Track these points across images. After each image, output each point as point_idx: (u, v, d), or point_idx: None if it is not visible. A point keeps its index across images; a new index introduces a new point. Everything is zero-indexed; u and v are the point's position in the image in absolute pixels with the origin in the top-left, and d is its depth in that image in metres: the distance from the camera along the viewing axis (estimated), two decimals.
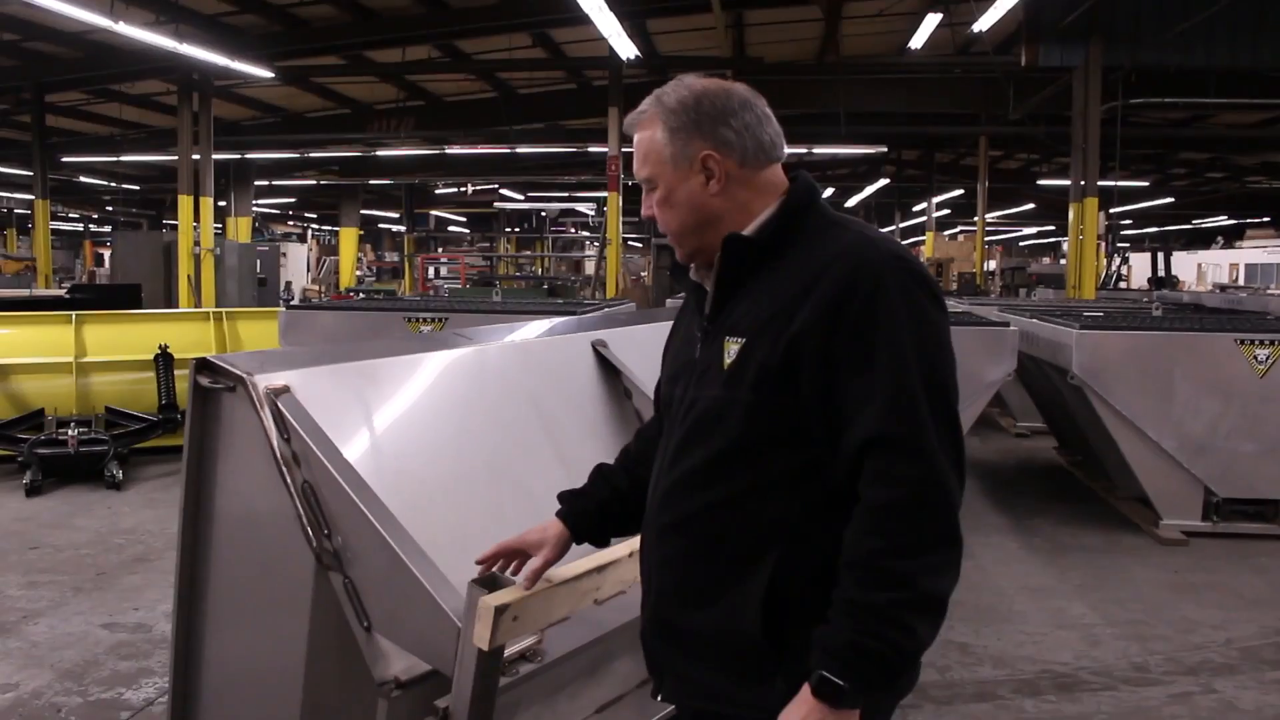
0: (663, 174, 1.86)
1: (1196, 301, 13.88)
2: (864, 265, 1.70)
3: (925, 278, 1.74)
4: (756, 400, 1.73)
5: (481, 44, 17.41)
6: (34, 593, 5.53)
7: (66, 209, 35.57)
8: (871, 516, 1.64)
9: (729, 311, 1.82)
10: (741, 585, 1.74)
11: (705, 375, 1.82)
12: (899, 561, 1.61)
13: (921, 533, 1.62)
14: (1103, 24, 13.38)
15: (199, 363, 2.55)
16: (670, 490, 1.85)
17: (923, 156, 27.33)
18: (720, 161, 1.82)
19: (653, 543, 1.90)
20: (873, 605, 1.60)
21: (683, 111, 1.84)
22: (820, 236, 1.80)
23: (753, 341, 1.74)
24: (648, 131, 1.87)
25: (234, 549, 2.65)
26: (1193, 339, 6.81)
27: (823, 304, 1.68)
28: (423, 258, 29.83)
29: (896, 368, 1.65)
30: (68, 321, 8.94)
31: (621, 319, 4.21)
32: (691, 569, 1.81)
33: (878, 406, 1.64)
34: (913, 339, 1.67)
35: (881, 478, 1.64)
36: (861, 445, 1.65)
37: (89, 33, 15.17)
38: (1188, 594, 5.73)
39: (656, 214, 1.89)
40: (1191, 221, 37.01)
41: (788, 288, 1.74)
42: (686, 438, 1.83)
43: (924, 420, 1.64)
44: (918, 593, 1.61)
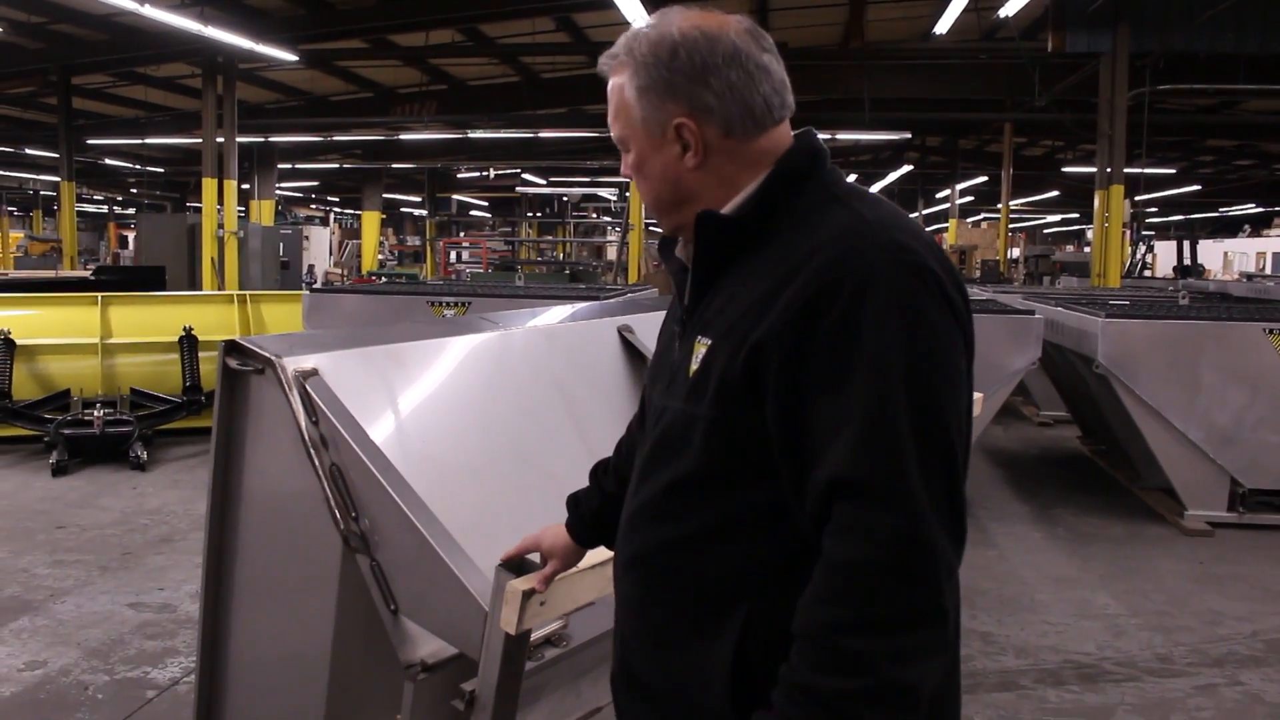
0: (633, 137, 1.54)
1: (1223, 290, 13.79)
2: (851, 256, 1.35)
3: (930, 272, 1.36)
4: (716, 418, 1.42)
5: (505, 28, 17.37)
6: (61, 571, 5.58)
7: (92, 191, 35.75)
8: (832, 578, 1.29)
9: (707, 304, 1.51)
10: (706, 643, 1.45)
11: (674, 382, 1.52)
12: (860, 640, 1.26)
13: (893, 605, 1.26)
14: (1131, 9, 13.24)
15: (228, 345, 2.55)
16: (631, 519, 1.58)
17: (946, 143, 27.17)
18: (696, 132, 1.48)
19: (619, 575, 1.64)
20: (820, 693, 1.26)
21: (655, 65, 1.48)
22: (815, 216, 1.44)
23: (716, 346, 1.43)
24: (618, 79, 1.54)
25: (261, 531, 2.66)
26: (1220, 328, 6.74)
27: (795, 304, 1.34)
28: (444, 242, 29.93)
29: (876, 390, 1.29)
30: (94, 303, 9.01)
31: (646, 304, 4.20)
32: (654, 616, 1.53)
33: (849, 439, 1.29)
34: (902, 353, 1.30)
35: (848, 530, 1.29)
36: (828, 487, 1.30)
37: (115, 15, 15.20)
38: (1212, 585, 5.70)
39: (633, 179, 1.58)
40: (1218, 209, 36.66)
41: (762, 280, 1.41)
42: (651, 456, 1.54)
43: (907, 459, 1.28)
44: (880, 681, 1.25)
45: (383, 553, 2.34)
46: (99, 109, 23.14)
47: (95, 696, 4.13)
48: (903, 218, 1.46)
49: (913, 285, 1.34)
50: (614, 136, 1.57)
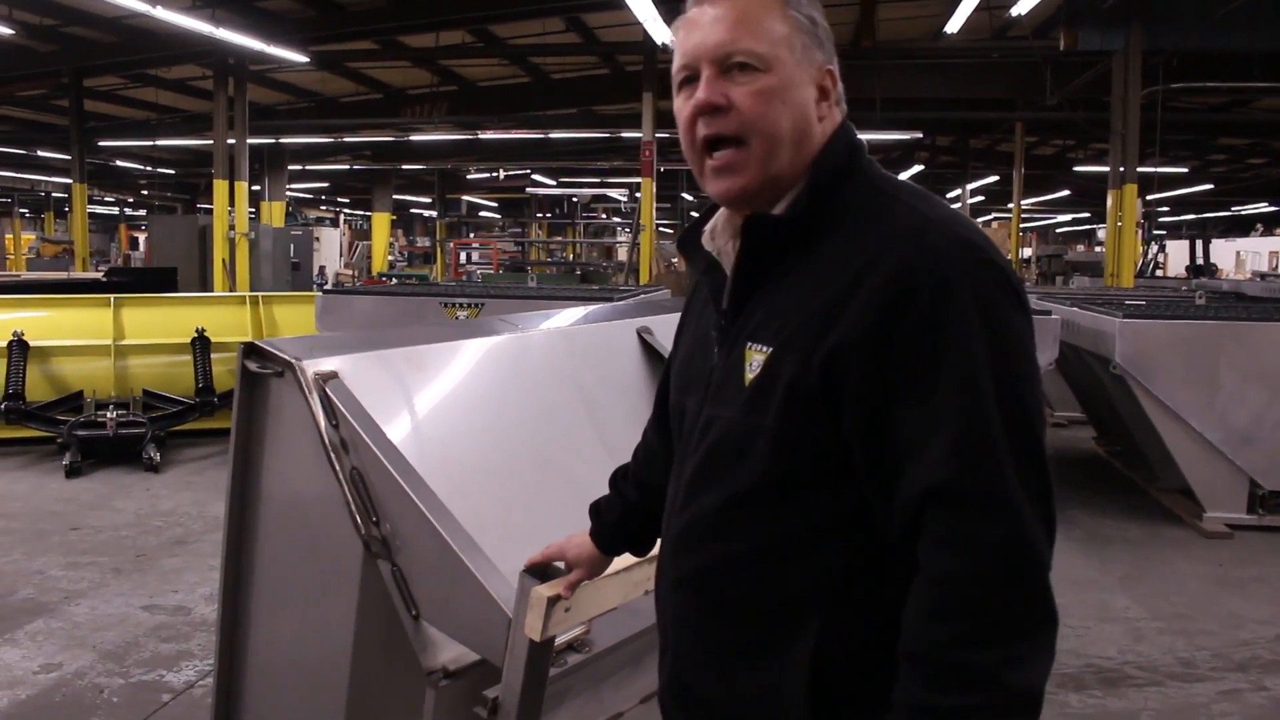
0: (782, 61, 1.40)
1: (1236, 290, 13.70)
2: (924, 256, 1.30)
3: (1005, 271, 1.33)
4: (785, 429, 1.35)
5: (515, 28, 17.36)
6: (75, 573, 5.57)
7: (103, 193, 35.85)
8: (937, 593, 1.25)
9: (752, 308, 1.44)
10: (778, 658, 1.39)
11: (724, 390, 1.45)
12: (978, 653, 1.22)
13: (1007, 614, 1.23)
14: (1144, 7, 13.16)
15: (247, 347, 2.53)
16: (682, 536, 1.50)
17: (957, 142, 27.03)
18: (835, 84, 1.46)
19: (667, 594, 1.56)
20: (946, 711, 1.22)
21: (810, 18, 1.45)
22: (867, 212, 1.40)
23: (780, 354, 1.36)
24: (762, 6, 1.42)
25: (281, 535, 2.64)
26: (1239, 328, 6.69)
27: (872, 308, 1.30)
28: (455, 243, 29.89)
29: (967, 395, 1.26)
30: (106, 304, 9.02)
31: (663, 305, 4.18)
32: (714, 633, 1.47)
33: (942, 446, 1.25)
34: (990, 355, 1.27)
35: (949, 541, 1.25)
36: (921, 495, 1.26)
37: (127, 17, 15.23)
38: (1233, 588, 5.65)
39: (746, 104, 1.40)
40: (1231, 208, 36.46)
41: (826, 283, 1.35)
42: (701, 470, 1.47)
43: (1004, 464, 1.25)
44: (1007, 693, 1.22)
45: (404, 557, 2.31)
46: (110, 111, 23.20)
47: (110, 700, 4.12)
48: (959, 213, 1.42)
49: (989, 284, 1.31)
50: (747, 51, 1.40)
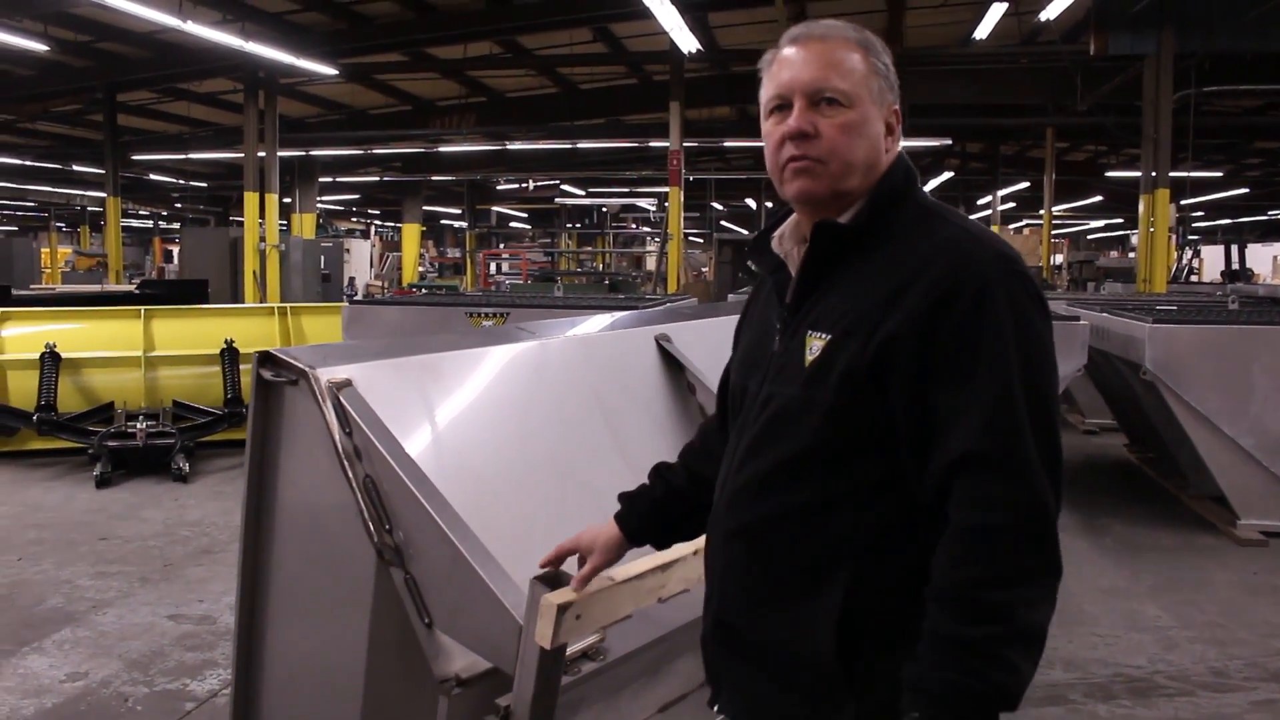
0: (863, 98, 1.66)
1: (1272, 295, 13.51)
2: (968, 265, 1.56)
3: (1032, 282, 1.60)
4: (838, 403, 1.58)
5: (542, 39, 17.43)
6: (103, 583, 5.62)
7: (137, 206, 36.27)
8: (966, 542, 1.49)
9: (813, 303, 1.67)
10: (812, 599, 1.60)
11: (784, 371, 1.67)
12: (997, 592, 1.46)
13: (1022, 561, 1.48)
14: (1175, 10, 13.03)
15: (262, 356, 2.54)
16: (738, 492, 1.71)
17: (987, 149, 26.89)
18: (898, 124, 1.72)
19: (719, 545, 1.78)
20: (970, 641, 1.45)
21: (886, 67, 1.70)
22: (918, 228, 1.65)
23: (839, 340, 1.60)
24: (845, 50, 1.67)
25: (296, 543, 2.64)
26: (1272, 333, 6.59)
27: (922, 305, 1.54)
28: (484, 253, 30.03)
29: (998, 380, 1.51)
30: (137, 316, 9.11)
31: (685, 313, 4.16)
32: (758, 578, 1.68)
33: (976, 421, 1.50)
34: (1018, 350, 1.52)
35: (977, 500, 1.49)
36: (955, 461, 1.50)
37: (158, 32, 15.43)
38: (1268, 597, 5.55)
39: (830, 134, 1.65)
40: (1267, 213, 36.02)
41: (882, 284, 1.59)
42: (759, 437, 1.69)
43: (1025, 438, 1.50)
44: (1019, 626, 1.46)
45: (417, 566, 2.31)
46: (143, 125, 23.49)
47: (135, 708, 4.14)
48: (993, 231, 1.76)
49: (1020, 291, 1.57)
50: (838, 88, 1.65)
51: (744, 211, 36.32)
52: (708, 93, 19.24)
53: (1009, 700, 1.47)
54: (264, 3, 14.89)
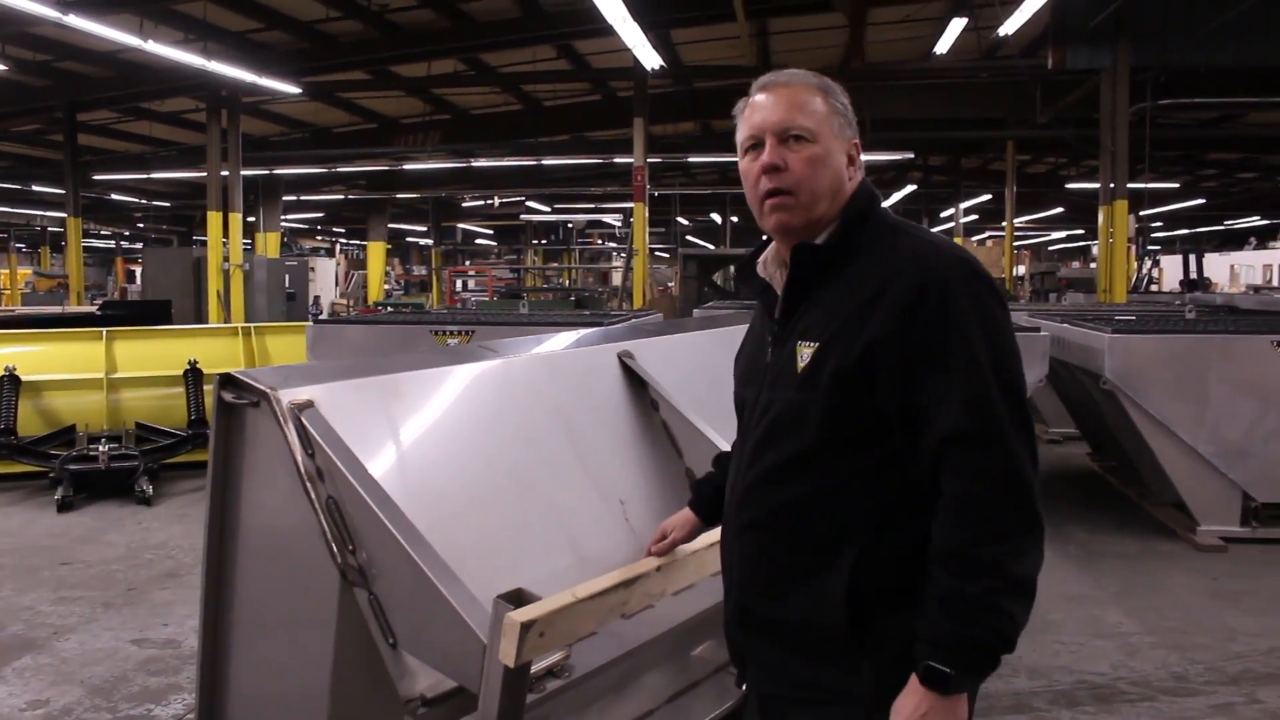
0: (825, 134, 1.88)
1: (1230, 303, 13.72)
2: (930, 271, 1.77)
3: (987, 278, 1.81)
4: (831, 402, 1.79)
5: (506, 57, 17.47)
6: (64, 608, 5.55)
7: (98, 226, 35.98)
8: (957, 509, 1.70)
9: (799, 316, 1.88)
10: (823, 577, 1.80)
11: (780, 379, 1.88)
12: (988, 549, 1.68)
13: (1006, 520, 1.69)
14: (1131, 25, 13.26)
15: (223, 378, 2.54)
16: (750, 488, 1.91)
17: (950, 162, 27.20)
18: (858, 156, 1.94)
19: (732, 539, 1.96)
20: (970, 594, 1.67)
21: (843, 95, 1.93)
22: (884, 243, 1.86)
23: (826, 346, 1.80)
24: (807, 94, 1.89)
25: (259, 565, 2.63)
26: (1228, 341, 6.69)
27: (895, 310, 1.75)
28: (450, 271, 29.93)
29: (970, 367, 1.72)
30: (99, 338, 9.01)
31: (648, 329, 4.18)
32: (773, 562, 1.87)
33: (955, 404, 1.71)
34: (983, 339, 1.74)
35: (963, 471, 1.70)
36: (942, 441, 1.72)
37: (119, 52, 15.35)
38: (1227, 601, 5.63)
39: (798, 168, 1.87)
40: (1223, 222, 36.61)
41: (858, 294, 1.80)
42: (764, 438, 1.89)
43: (999, 415, 1.71)
44: (1010, 578, 1.68)
45: (380, 586, 2.31)
46: (104, 145, 23.32)
47: None
48: (951, 240, 1.95)
49: (978, 287, 1.78)
50: (800, 126, 1.87)
51: (709, 226, 36.47)
52: (672, 108, 19.34)
53: (1007, 643, 1.70)
54: (226, 22, 14.82)
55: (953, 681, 1.69)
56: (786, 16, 15.97)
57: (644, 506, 3.14)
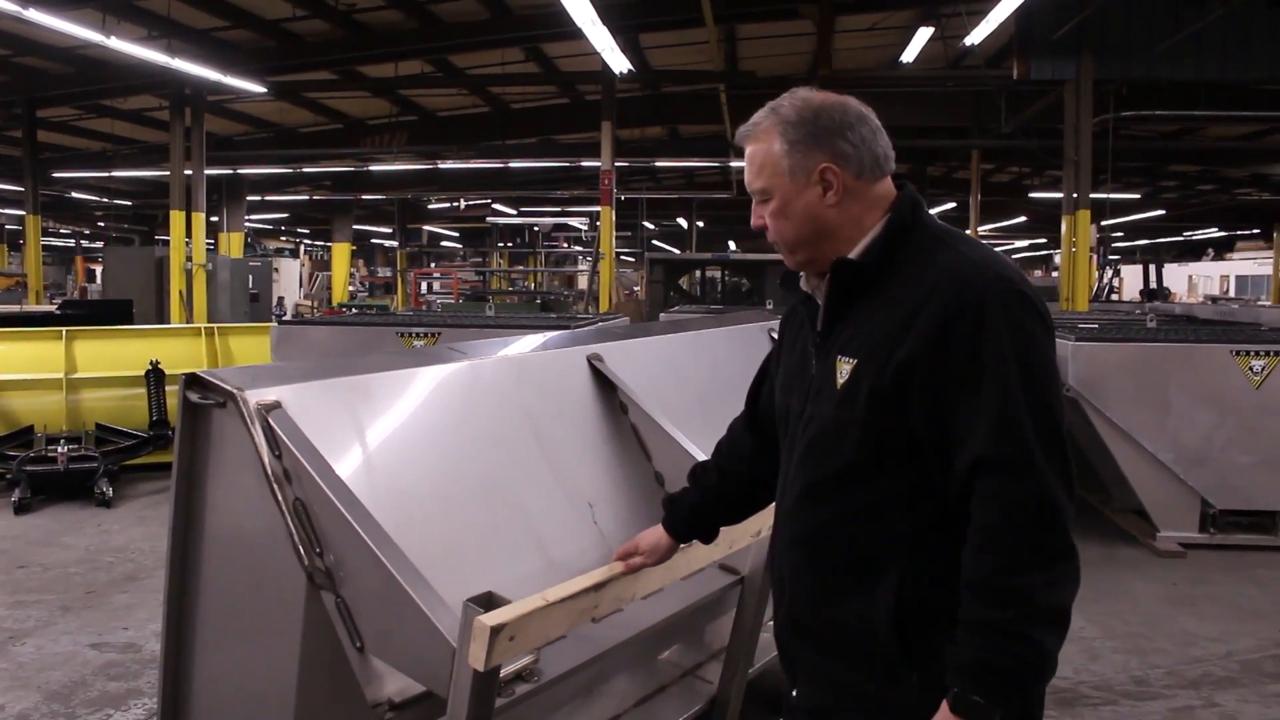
0: (779, 185, 1.88)
1: (1189, 313, 13.89)
2: (966, 289, 1.74)
3: (1029, 298, 1.76)
4: (869, 420, 1.78)
5: (474, 58, 17.42)
6: (21, 612, 5.46)
7: (58, 224, 35.47)
8: (985, 536, 1.69)
9: (840, 330, 1.87)
10: (869, 593, 1.81)
11: (821, 392, 1.88)
12: (1017, 578, 1.65)
13: (1036, 549, 1.66)
14: (1094, 37, 13.43)
15: (188, 378, 2.50)
16: (796, 504, 1.93)
17: (915, 170, 27.31)
18: (838, 174, 1.86)
19: (783, 551, 1.98)
20: (997, 623, 1.65)
21: (802, 124, 1.86)
22: (925, 256, 1.83)
23: (863, 364, 1.80)
24: (764, 144, 1.89)
25: (224, 568, 2.60)
26: (1188, 350, 6.78)
27: (929, 330, 1.73)
28: (415, 273, 29.81)
29: (1002, 391, 1.69)
30: (58, 337, 8.89)
31: (615, 333, 4.17)
32: (820, 577, 1.89)
33: (985, 429, 1.69)
34: (1017, 362, 1.70)
35: (992, 498, 1.69)
36: (971, 466, 1.70)
37: (80, 48, 15.15)
38: (1186, 606, 5.70)
39: (769, 225, 1.92)
40: (1183, 234, 37.09)
41: (895, 311, 1.79)
42: (807, 453, 1.90)
43: (1029, 441, 1.68)
44: (1039, 607, 1.65)
45: (348, 589, 2.29)
46: (65, 142, 23.00)
47: None
48: (996, 253, 1.86)
49: (1017, 308, 1.74)
50: (756, 189, 1.91)
51: (675, 231, 36.51)
52: (639, 113, 19.35)
53: (1038, 674, 1.68)
54: (190, 19, 14.67)
55: (981, 710, 1.67)
56: (755, 23, 16.04)
57: (613, 509, 3.14)
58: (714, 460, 2.31)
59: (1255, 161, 23.87)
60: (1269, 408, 6.63)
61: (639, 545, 2.29)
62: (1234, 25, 12.91)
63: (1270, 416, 6.63)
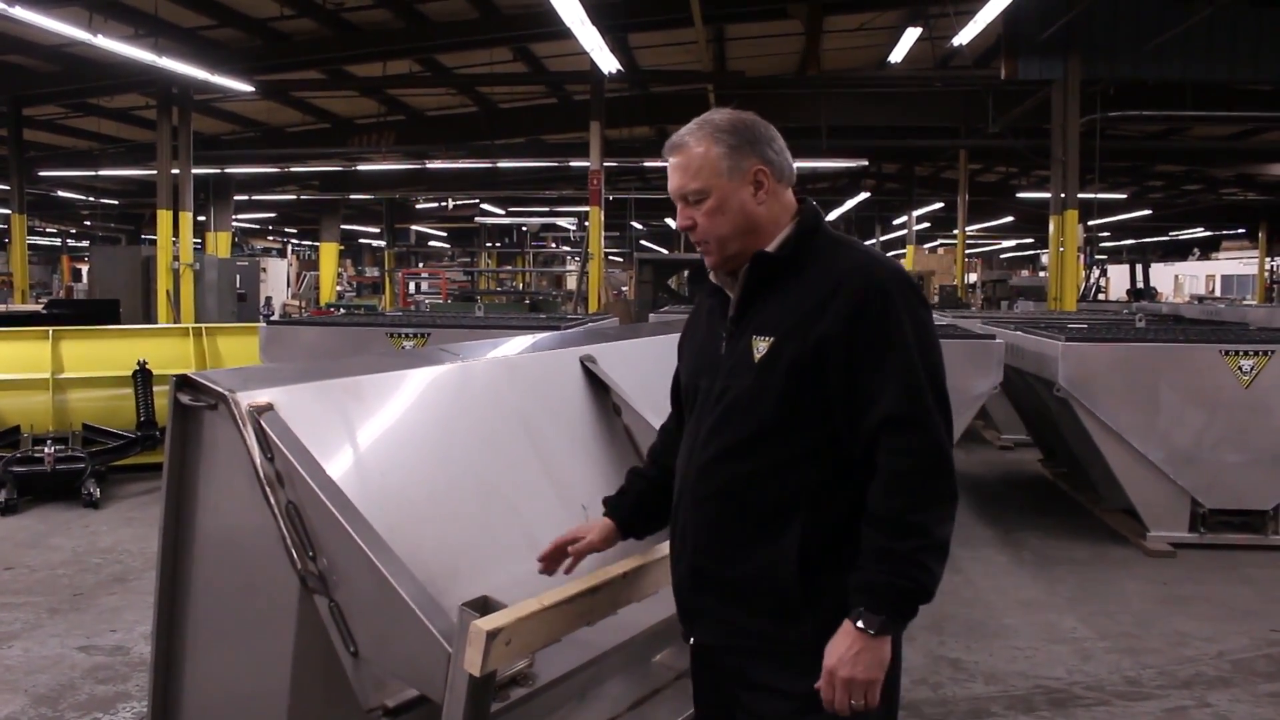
0: (717, 185, 2.13)
1: (1175, 313, 13.95)
2: (873, 279, 2.06)
3: (917, 288, 2.14)
4: (787, 386, 2.04)
5: (462, 58, 17.37)
6: (8, 615, 5.42)
7: (44, 224, 35.29)
8: (893, 480, 1.98)
9: (753, 314, 2.13)
10: (775, 541, 2.06)
11: (736, 368, 2.12)
12: (918, 515, 1.96)
13: (933, 491, 2.00)
14: (1081, 38, 13.47)
15: (179, 380, 2.48)
16: (707, 464, 2.13)
17: (903, 170, 27.42)
18: (768, 175, 2.15)
19: (689, 509, 2.18)
20: (900, 551, 1.95)
21: (735, 132, 2.14)
22: (831, 254, 2.14)
23: (781, 340, 2.06)
24: (700, 148, 2.14)
25: (216, 571, 2.58)
26: (1178, 350, 6.80)
27: (845, 311, 2.03)
28: (403, 273, 29.77)
29: (904, 360, 2.01)
30: (45, 337, 8.83)
31: (607, 334, 4.16)
32: (729, 529, 2.11)
33: (892, 391, 1.99)
34: (915, 338, 2.03)
35: (897, 449, 1.99)
36: (880, 423, 1.99)
37: (67, 45, 15.06)
38: (1177, 606, 5.71)
39: (701, 222, 2.15)
40: (1169, 233, 37.25)
41: (810, 296, 2.07)
42: (722, 419, 2.12)
43: (928, 400, 2.01)
44: (933, 539, 1.98)
45: (341, 593, 2.27)
46: (51, 141, 22.86)
47: None
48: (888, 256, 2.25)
49: (912, 296, 2.08)
50: (692, 189, 2.15)
51: (664, 231, 36.50)
52: (628, 113, 19.32)
53: (927, 594, 1.98)
54: (177, 17, 14.59)
55: (881, 625, 1.95)
56: (743, 23, 16.03)
57: None
58: (650, 457, 2.55)
59: (1241, 161, 23.97)
60: (1258, 407, 6.65)
61: (578, 528, 2.43)
62: (1220, 25, 12.98)
63: (1259, 416, 6.66)
